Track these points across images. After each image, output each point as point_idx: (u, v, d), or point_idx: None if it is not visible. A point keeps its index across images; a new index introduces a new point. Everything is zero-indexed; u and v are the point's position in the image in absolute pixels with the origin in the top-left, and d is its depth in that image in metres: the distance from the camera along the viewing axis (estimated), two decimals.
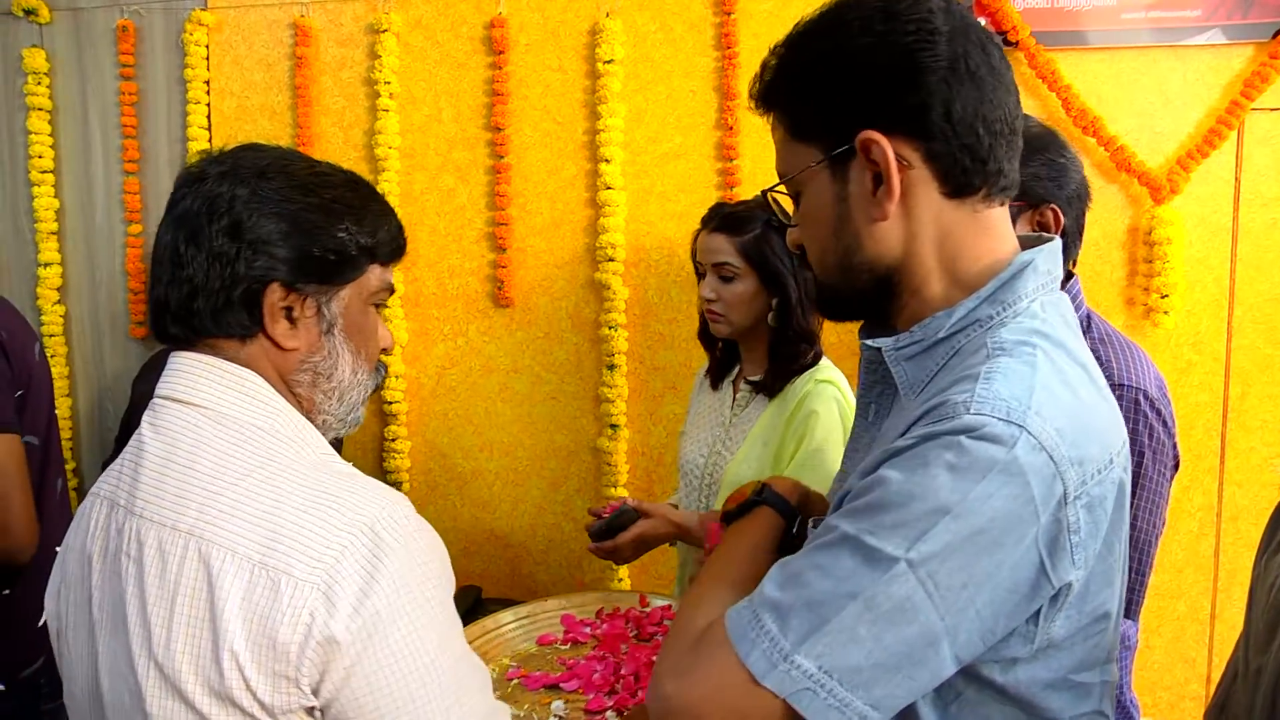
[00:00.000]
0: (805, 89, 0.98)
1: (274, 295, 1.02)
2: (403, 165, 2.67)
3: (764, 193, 1.10)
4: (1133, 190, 2.47)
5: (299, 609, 0.90)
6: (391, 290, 1.14)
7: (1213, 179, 2.46)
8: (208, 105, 2.76)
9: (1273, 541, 0.96)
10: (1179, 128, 2.47)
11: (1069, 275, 1.61)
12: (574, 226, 2.66)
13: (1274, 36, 2.42)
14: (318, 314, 1.05)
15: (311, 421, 1.07)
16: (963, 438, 0.83)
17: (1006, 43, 2.41)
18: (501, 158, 2.64)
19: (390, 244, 1.11)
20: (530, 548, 2.77)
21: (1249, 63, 2.44)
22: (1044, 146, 1.56)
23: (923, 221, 0.96)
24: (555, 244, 2.67)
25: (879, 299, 1.00)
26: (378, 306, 1.12)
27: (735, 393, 2.07)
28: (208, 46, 2.74)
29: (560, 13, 2.61)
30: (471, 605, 2.53)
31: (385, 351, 1.16)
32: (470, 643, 1.61)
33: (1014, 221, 1.46)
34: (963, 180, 0.95)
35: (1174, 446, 1.57)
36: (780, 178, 1.03)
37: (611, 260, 2.60)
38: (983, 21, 2.42)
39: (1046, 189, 1.55)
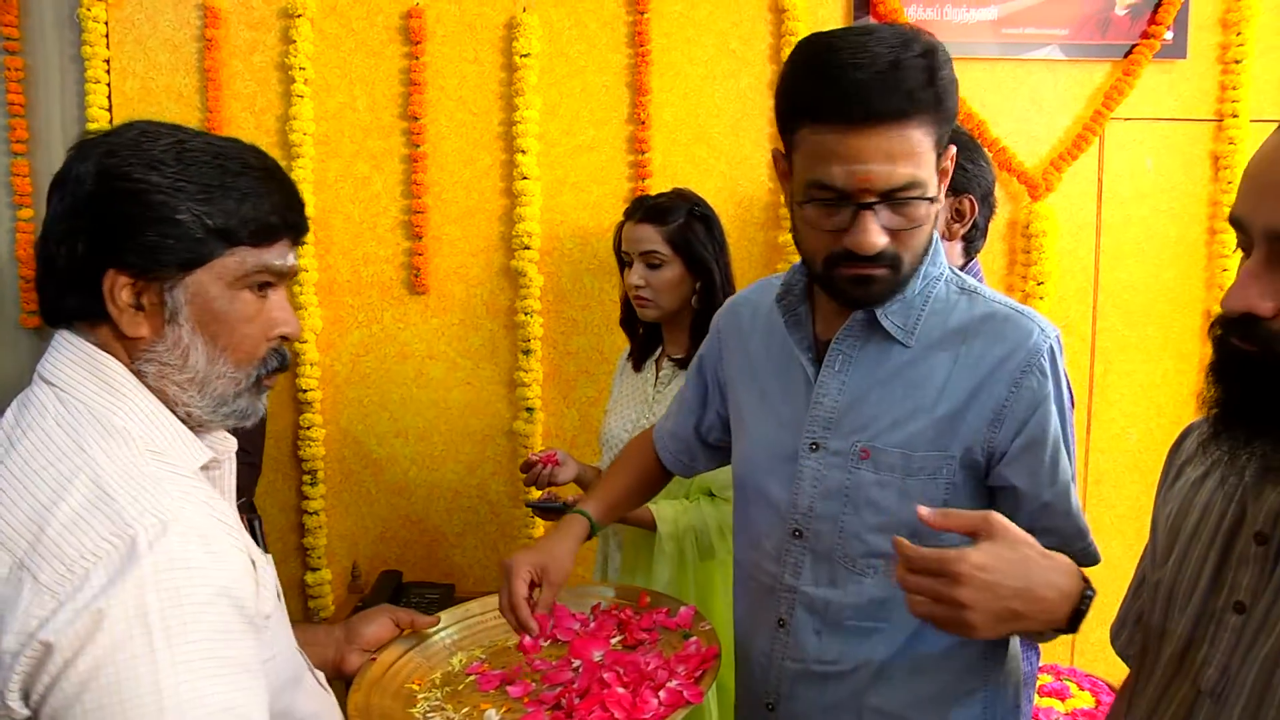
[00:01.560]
0: (952, 108, 1.17)
1: (111, 280, 0.97)
2: (317, 152, 2.67)
3: (894, 191, 1.16)
4: (1013, 188, 2.70)
5: (29, 617, 0.84)
6: (277, 273, 1.04)
7: (1080, 179, 2.72)
8: (108, 85, 2.67)
9: (1168, 476, 1.13)
10: (1051, 133, 2.71)
11: (970, 260, 1.79)
12: (489, 215, 2.71)
13: (1125, 56, 2.69)
14: (161, 301, 0.98)
15: (175, 413, 1.01)
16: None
17: None
18: (417, 146, 2.67)
19: (257, 224, 1.00)
20: (447, 531, 2.82)
21: (1108, 77, 2.71)
22: (973, 148, 1.80)
23: None
24: (471, 232, 2.71)
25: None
26: (262, 288, 1.04)
27: (658, 371, 2.21)
28: (107, 24, 2.65)
29: (477, 6, 2.66)
30: (394, 590, 2.56)
31: (286, 339, 1.07)
32: (446, 629, 1.51)
33: None
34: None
35: (1070, 388, 1.79)
36: (916, 186, 1.16)
37: (527, 248, 2.66)
38: None
39: (968, 183, 1.75)
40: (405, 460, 2.80)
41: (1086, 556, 1.28)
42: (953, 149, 1.21)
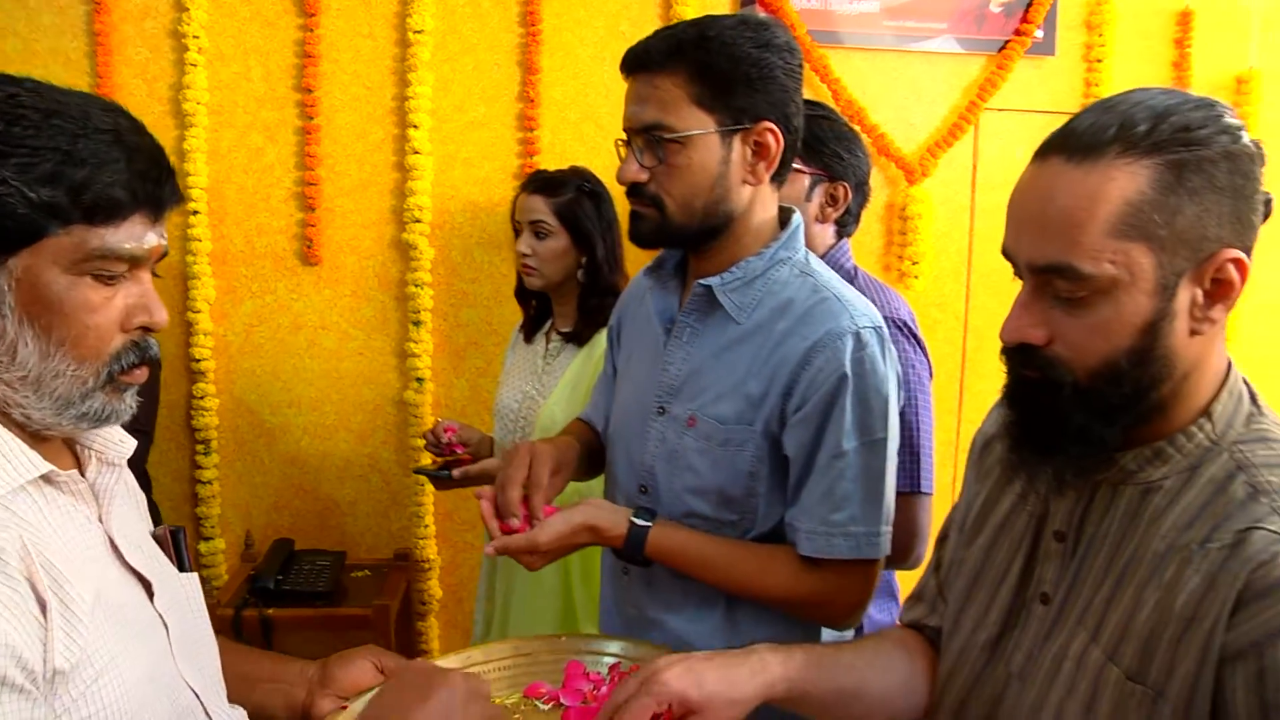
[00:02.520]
0: (730, 73, 1.27)
1: None
2: (211, 122, 2.68)
3: (644, 131, 1.31)
4: (890, 172, 2.81)
5: None
6: (125, 257, 0.89)
7: (955, 166, 2.84)
8: None
9: (977, 447, 1.22)
10: (929, 121, 2.82)
11: (840, 239, 1.91)
12: (381, 188, 2.74)
13: (999, 51, 2.81)
14: None
15: (11, 417, 0.88)
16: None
17: None
18: (311, 119, 2.69)
19: (95, 198, 0.86)
20: (339, 500, 2.84)
21: (982, 70, 2.83)
22: (852, 139, 1.91)
23: (761, 190, 1.34)
24: (363, 205, 2.74)
25: (714, 236, 1.35)
26: (111, 275, 0.89)
27: (547, 343, 2.30)
28: None
29: None
30: (286, 558, 2.58)
31: (147, 329, 0.93)
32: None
33: (812, 189, 1.86)
34: (783, 163, 1.34)
35: (928, 358, 1.90)
36: (659, 128, 1.29)
37: (418, 221, 2.70)
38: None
39: (845, 171, 1.87)
40: (298, 430, 2.82)
41: (867, 544, 1.32)
42: (764, 124, 1.29)
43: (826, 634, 1.45)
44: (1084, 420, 0.91)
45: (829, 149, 1.86)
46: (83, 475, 0.97)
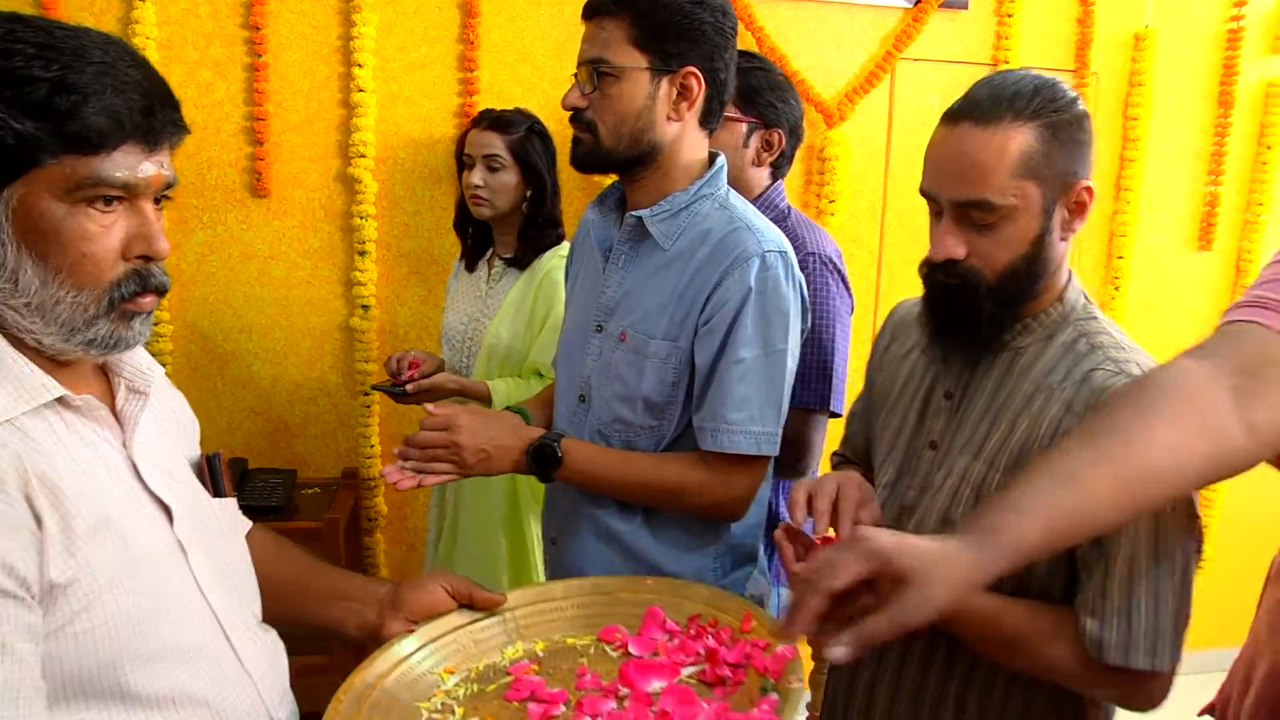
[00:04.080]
0: (665, 21, 1.47)
1: None
2: (160, 57, 2.77)
3: (585, 65, 1.50)
4: (811, 116, 2.97)
5: None
6: (120, 185, 0.92)
7: (872, 111, 3.02)
8: None
9: (879, 346, 1.57)
10: (848, 68, 2.99)
11: (774, 184, 2.11)
12: (328, 124, 2.85)
13: (915, 4, 2.99)
14: None
15: (23, 341, 0.93)
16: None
17: None
18: (259, 56, 2.78)
19: (81, 127, 0.88)
20: (289, 422, 2.98)
21: (899, 22, 3.01)
22: (786, 88, 2.09)
23: (686, 128, 1.53)
24: (310, 140, 2.85)
25: (639, 164, 1.54)
26: (109, 201, 0.92)
27: (490, 270, 2.53)
28: None
29: None
30: (240, 476, 2.72)
31: (148, 258, 0.96)
32: (513, 610, 1.29)
33: (748, 136, 2.04)
34: (709, 111, 1.55)
35: (850, 294, 2.09)
36: (597, 62, 1.49)
37: (363, 156, 2.82)
38: None
39: (779, 118, 2.05)
40: (249, 355, 2.94)
41: (766, 442, 1.52)
42: (689, 69, 1.50)
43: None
44: (994, 309, 1.27)
45: (764, 98, 2.03)
46: (113, 401, 1.02)
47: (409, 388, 2.34)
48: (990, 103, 1.22)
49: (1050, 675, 1.23)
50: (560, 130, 2.68)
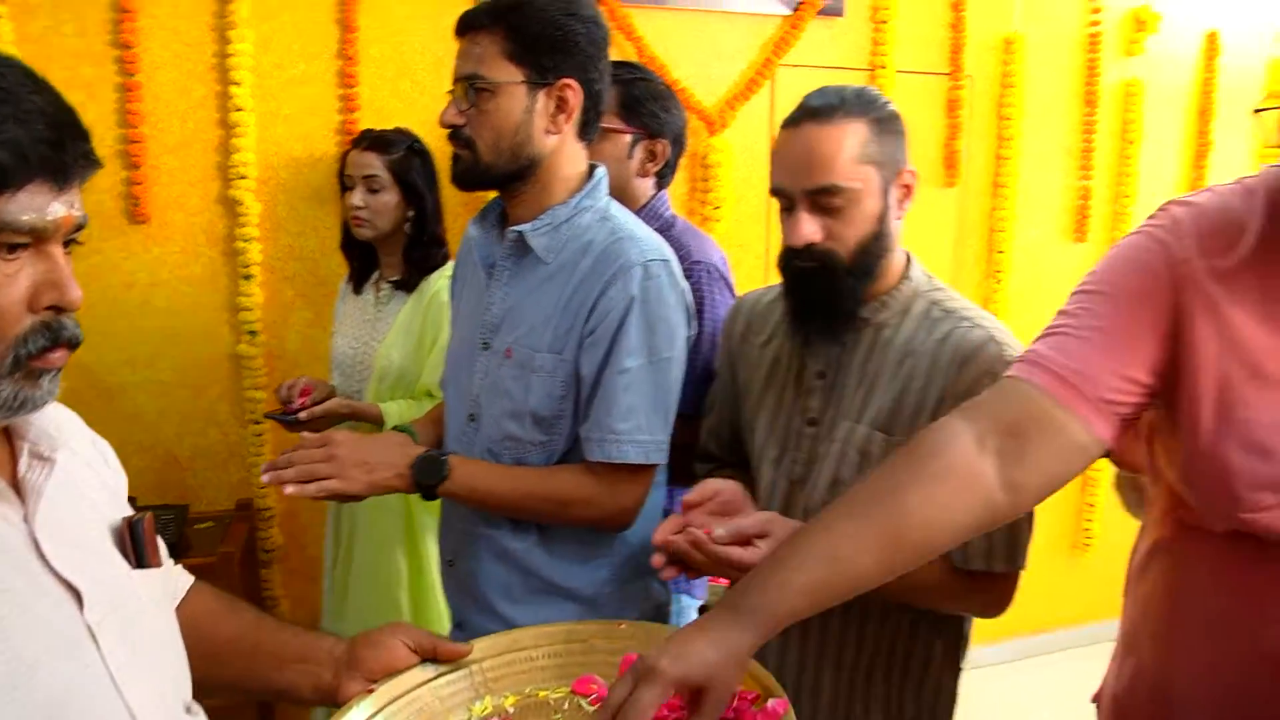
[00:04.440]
0: (538, 34, 1.48)
1: None
2: None
3: (461, 81, 1.50)
4: (693, 125, 3.01)
5: None
6: (24, 230, 0.82)
7: (753, 118, 3.09)
8: None
9: (732, 341, 1.69)
10: (728, 75, 3.05)
11: (659, 192, 2.14)
12: (206, 145, 2.80)
13: (794, 11, 3.05)
14: None
15: None
16: None
17: None
18: (132, 75, 2.72)
19: None
20: (178, 455, 2.91)
21: (778, 30, 3.07)
22: (668, 98, 2.11)
23: (565, 141, 1.54)
24: (188, 162, 2.80)
25: (519, 179, 1.54)
26: (12, 248, 0.83)
27: (377, 292, 2.51)
28: None
29: None
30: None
31: (59, 308, 0.86)
32: (479, 661, 1.21)
33: (633, 147, 2.05)
34: (586, 122, 1.55)
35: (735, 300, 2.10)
36: (473, 78, 1.49)
37: (244, 178, 2.78)
38: None
39: (662, 128, 2.07)
40: (134, 388, 2.86)
41: (654, 450, 1.54)
42: (564, 82, 1.50)
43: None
44: (853, 283, 1.42)
45: (646, 108, 2.06)
46: (14, 470, 0.91)
47: (302, 415, 2.31)
48: (824, 106, 1.40)
49: (924, 596, 1.41)
50: (443, 147, 2.67)
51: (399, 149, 2.43)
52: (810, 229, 1.39)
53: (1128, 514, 1.52)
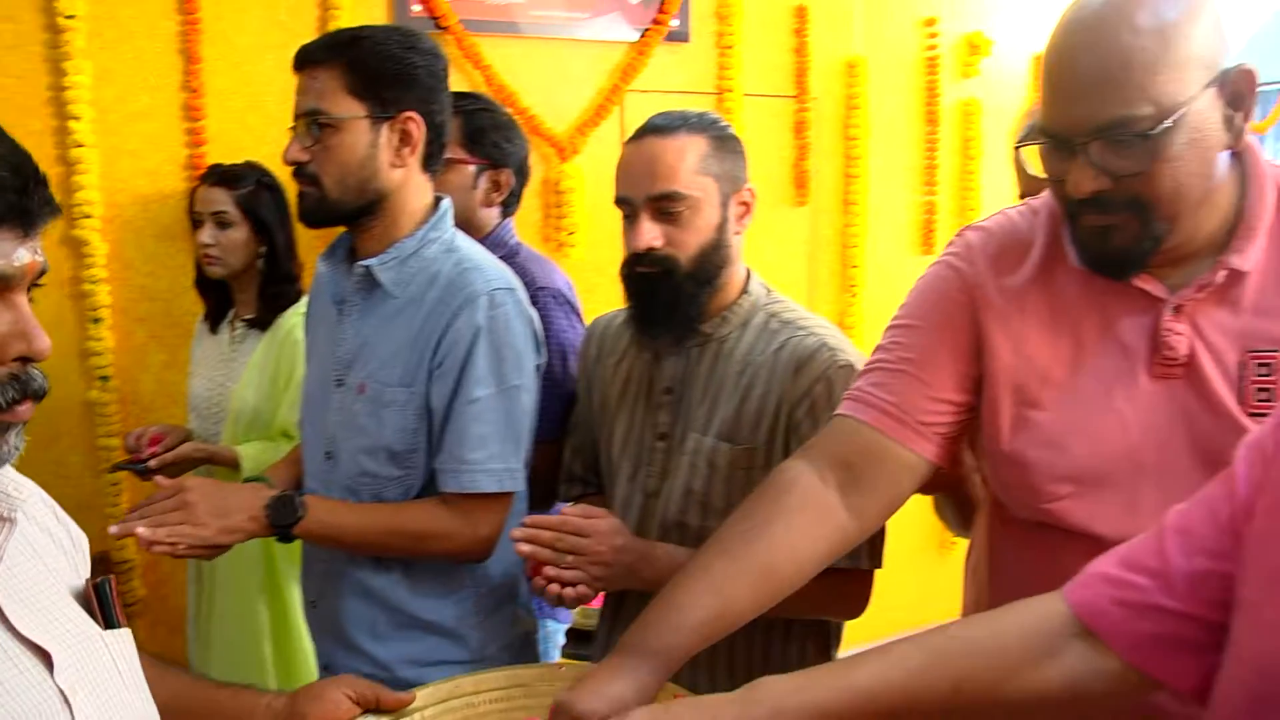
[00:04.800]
0: (378, 68, 1.51)
1: None
2: None
3: (303, 117, 1.52)
4: (544, 150, 3.11)
5: None
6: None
7: (604, 143, 3.20)
8: None
9: (588, 360, 1.76)
10: (577, 102, 3.15)
11: (504, 219, 2.18)
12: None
13: (640, 37, 3.18)
14: None
15: None
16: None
17: (438, 27, 2.90)
18: None
19: None
20: None
21: (625, 55, 3.18)
22: (510, 127, 2.17)
23: (410, 174, 1.56)
24: None
25: (367, 214, 1.55)
26: None
27: (232, 331, 2.48)
28: None
29: None
30: None
31: (27, 359, 0.85)
32: (423, 709, 1.22)
33: (477, 178, 2.09)
34: (430, 154, 1.58)
35: (582, 325, 2.13)
36: (315, 113, 1.50)
37: (88, 217, 2.72)
38: (418, 8, 2.88)
39: (506, 158, 2.11)
40: None
41: (508, 478, 1.55)
42: (407, 115, 1.53)
43: None
44: (692, 289, 1.49)
45: (489, 139, 2.10)
46: None
47: (151, 463, 2.25)
48: (667, 122, 1.51)
49: (794, 604, 1.35)
50: (281, 177, 2.67)
51: (248, 183, 2.41)
52: (652, 234, 1.47)
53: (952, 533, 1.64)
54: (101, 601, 1.00)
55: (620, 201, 1.53)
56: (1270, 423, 0.87)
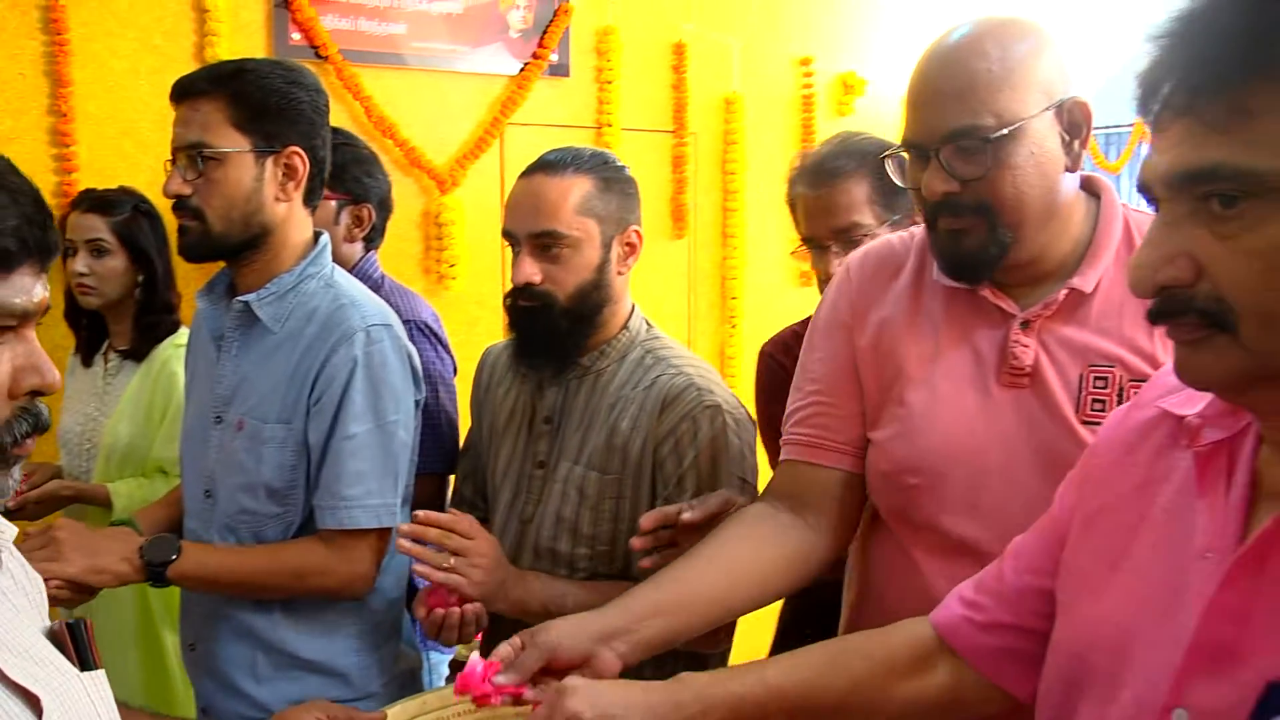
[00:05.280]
0: (263, 102, 1.54)
1: None
2: None
3: (185, 150, 1.53)
4: (424, 183, 3.18)
5: None
6: (18, 314, 0.83)
7: (484, 175, 3.29)
8: None
9: (479, 390, 1.86)
10: (458, 135, 3.23)
11: (368, 252, 2.23)
12: None
13: (520, 72, 3.28)
14: None
15: None
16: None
17: (317, 56, 2.94)
18: None
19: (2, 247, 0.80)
20: None
21: (505, 89, 3.26)
22: (371, 162, 2.21)
23: (293, 208, 1.59)
24: None
25: (251, 248, 1.57)
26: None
27: (106, 363, 2.42)
28: None
29: None
30: None
31: (37, 392, 0.86)
32: None
33: (339, 211, 2.13)
34: (311, 189, 1.61)
35: (451, 356, 2.23)
36: (199, 146, 1.52)
37: None
38: (298, 37, 2.91)
39: (367, 192, 2.15)
40: None
41: (385, 513, 1.58)
42: (291, 149, 1.56)
43: None
44: (569, 325, 1.57)
45: (351, 174, 2.13)
46: None
47: (10, 503, 2.21)
48: (558, 160, 1.58)
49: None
50: (169, 210, 2.65)
51: (124, 210, 2.35)
52: (531, 270, 1.54)
53: None
54: (77, 642, 0.98)
55: (506, 235, 1.60)
56: (1087, 450, 1.02)
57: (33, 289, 0.83)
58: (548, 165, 1.57)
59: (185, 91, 1.55)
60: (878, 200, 1.75)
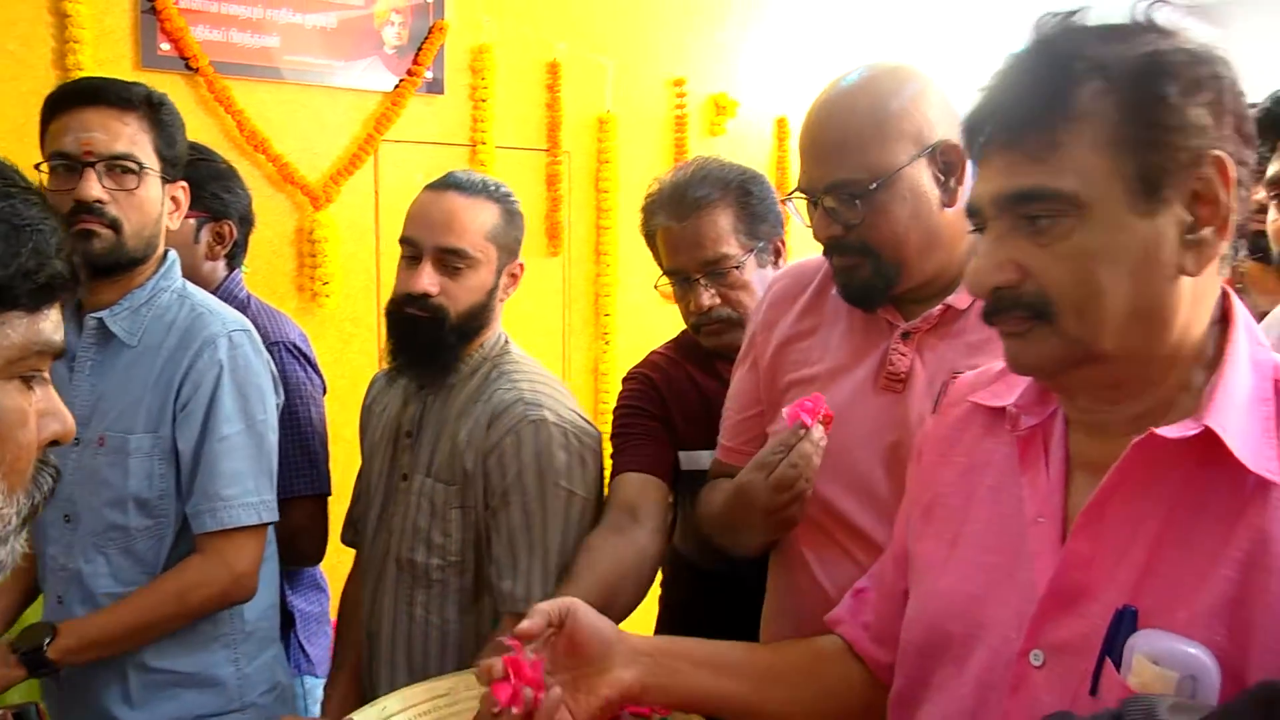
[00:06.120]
0: (175, 135, 1.65)
1: None
2: None
3: (110, 159, 1.56)
4: (297, 199, 3.21)
5: None
6: (55, 351, 0.77)
7: (359, 192, 3.34)
8: None
9: (367, 403, 1.92)
10: (332, 150, 3.27)
11: (231, 274, 2.21)
12: None
13: (395, 88, 3.33)
14: None
15: None
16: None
17: (188, 68, 2.94)
18: None
19: (41, 276, 0.72)
20: None
21: (380, 105, 3.32)
22: (230, 177, 2.19)
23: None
24: None
25: (137, 264, 1.63)
26: (29, 376, 0.76)
27: None
28: None
29: None
30: None
31: (56, 442, 0.80)
32: None
33: (199, 229, 2.11)
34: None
35: (320, 376, 2.22)
36: (126, 157, 1.57)
37: None
38: (167, 47, 2.91)
39: (227, 209, 2.15)
40: None
41: (265, 510, 1.65)
42: (180, 183, 1.67)
43: None
44: (453, 341, 1.64)
45: (208, 190, 2.10)
46: None
47: None
48: (469, 183, 1.66)
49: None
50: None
51: None
52: (430, 281, 1.59)
53: None
54: None
55: (406, 242, 1.64)
56: (914, 453, 1.16)
57: (59, 327, 0.78)
58: (461, 186, 1.65)
59: (112, 97, 1.60)
60: (742, 229, 1.76)
